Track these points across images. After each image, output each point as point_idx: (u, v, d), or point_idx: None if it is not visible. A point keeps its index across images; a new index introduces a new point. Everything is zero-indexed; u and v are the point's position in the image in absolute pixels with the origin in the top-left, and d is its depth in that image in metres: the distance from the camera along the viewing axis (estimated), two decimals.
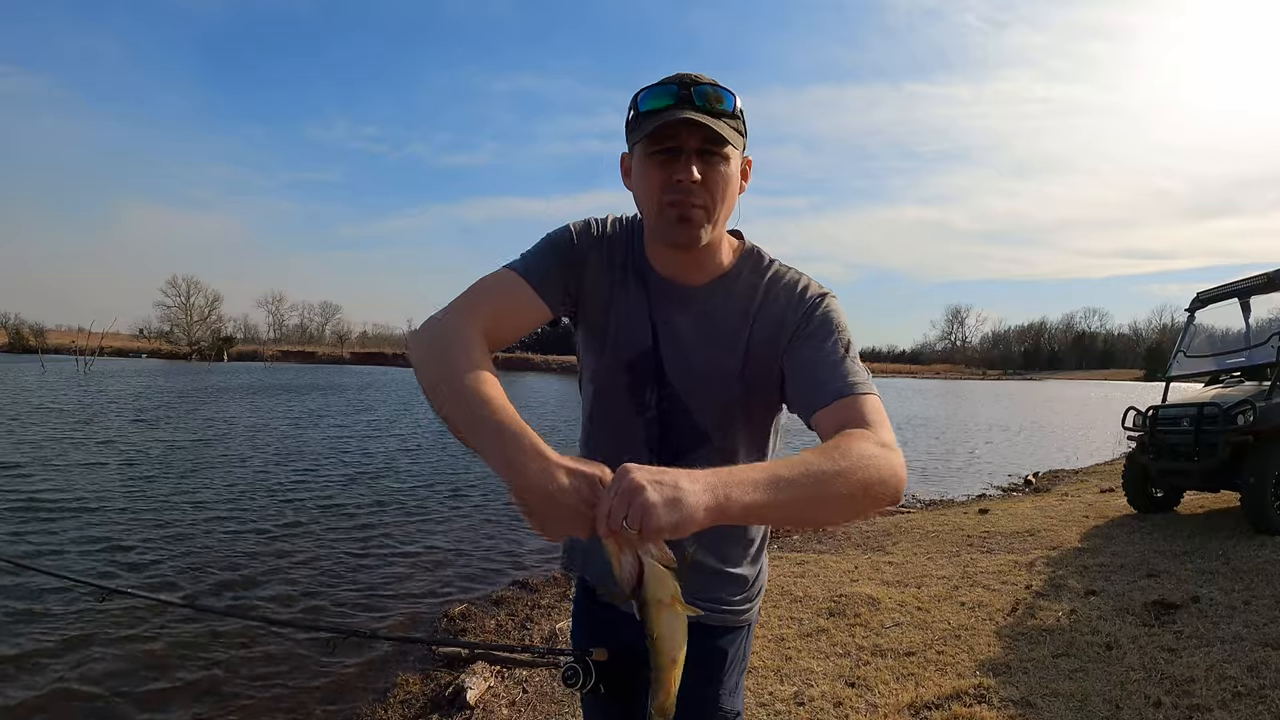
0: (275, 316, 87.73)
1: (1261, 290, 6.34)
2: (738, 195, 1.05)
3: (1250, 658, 3.08)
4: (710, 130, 0.94)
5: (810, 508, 0.79)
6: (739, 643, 1.19)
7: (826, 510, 0.81)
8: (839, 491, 0.78)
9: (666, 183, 0.97)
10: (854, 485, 0.78)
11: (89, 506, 6.76)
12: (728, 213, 1.03)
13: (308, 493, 7.89)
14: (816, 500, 0.77)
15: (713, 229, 1.01)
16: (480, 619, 4.33)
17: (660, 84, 0.98)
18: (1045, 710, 2.75)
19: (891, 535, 6.29)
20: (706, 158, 0.97)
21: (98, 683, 3.49)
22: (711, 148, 0.96)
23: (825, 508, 0.80)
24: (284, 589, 4.84)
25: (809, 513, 0.82)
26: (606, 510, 0.69)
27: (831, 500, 0.78)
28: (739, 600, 1.17)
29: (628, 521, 0.68)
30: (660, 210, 0.99)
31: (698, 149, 0.96)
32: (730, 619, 1.17)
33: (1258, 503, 5.25)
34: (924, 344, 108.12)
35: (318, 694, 3.46)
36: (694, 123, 0.93)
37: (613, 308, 1.11)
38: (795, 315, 1.04)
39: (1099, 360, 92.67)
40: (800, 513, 0.80)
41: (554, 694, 3.24)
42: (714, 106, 0.96)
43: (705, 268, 1.08)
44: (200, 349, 61.42)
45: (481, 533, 6.54)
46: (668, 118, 0.94)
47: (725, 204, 1.01)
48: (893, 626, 3.77)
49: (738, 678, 1.20)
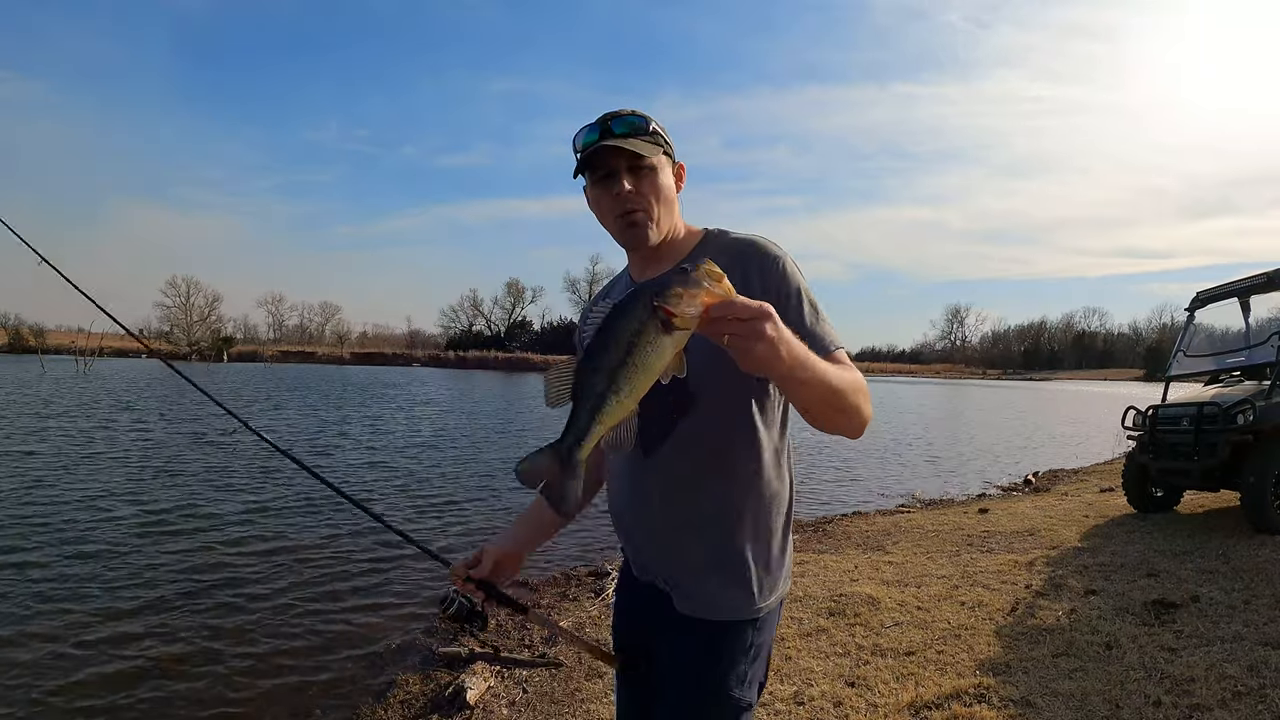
0: (275, 317, 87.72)
1: (1261, 290, 6.35)
2: (675, 195, 1.26)
3: (1250, 657, 3.08)
4: (628, 151, 1.16)
5: (833, 392, 1.00)
6: (751, 634, 1.22)
7: (842, 399, 1.02)
8: (851, 385, 1.03)
9: (611, 200, 1.20)
10: (856, 386, 1.05)
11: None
12: (668, 210, 1.24)
13: (314, 489, 7.89)
14: (839, 388, 1.00)
15: (658, 226, 1.22)
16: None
17: (587, 126, 1.21)
18: (1045, 710, 2.75)
19: (891, 535, 6.29)
20: (636, 172, 1.19)
21: (96, 681, 3.49)
22: (636, 163, 1.18)
23: (842, 395, 1.02)
24: (282, 580, 4.84)
25: (832, 396, 1.00)
26: (744, 305, 0.86)
27: (847, 393, 1.02)
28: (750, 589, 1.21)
29: (737, 323, 0.85)
30: (614, 222, 1.22)
31: (627, 166, 1.18)
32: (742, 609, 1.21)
33: (1258, 502, 5.25)
34: (924, 344, 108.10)
35: (318, 694, 3.46)
36: (615, 147, 1.16)
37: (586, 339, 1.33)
38: (758, 284, 1.16)
39: (1099, 360, 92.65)
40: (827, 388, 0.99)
41: (554, 694, 3.24)
42: (630, 132, 1.18)
43: (667, 259, 1.25)
44: (200, 349, 61.38)
45: (482, 533, 6.54)
46: (594, 149, 1.17)
47: (662, 204, 1.21)
48: (893, 626, 3.77)
49: (750, 669, 1.23)
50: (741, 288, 1.13)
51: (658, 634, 1.29)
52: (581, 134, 1.21)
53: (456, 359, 66.03)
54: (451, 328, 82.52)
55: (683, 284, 0.85)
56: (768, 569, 1.24)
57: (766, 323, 0.85)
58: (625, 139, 1.17)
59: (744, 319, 0.85)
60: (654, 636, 1.30)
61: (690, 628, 1.22)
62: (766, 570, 1.24)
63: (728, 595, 1.21)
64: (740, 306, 0.85)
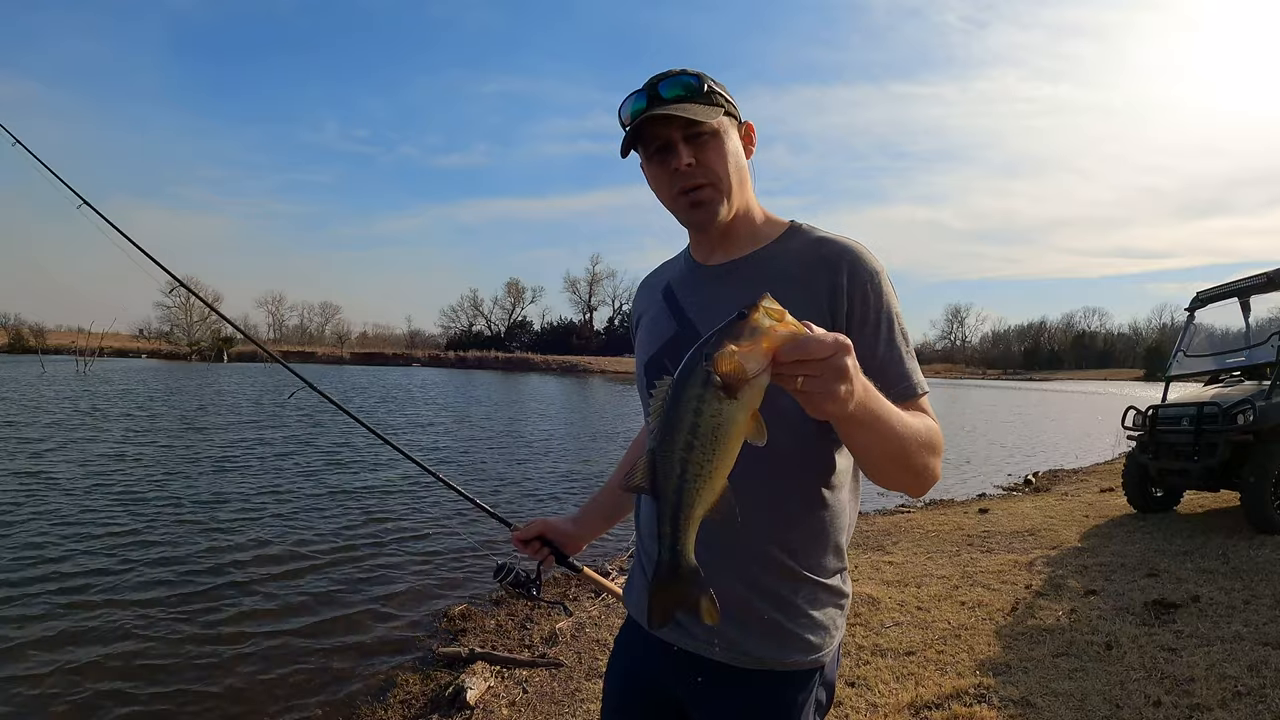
0: (275, 317, 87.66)
1: (1261, 290, 6.35)
2: (746, 162, 1.07)
3: (1250, 657, 3.08)
4: (682, 118, 0.98)
5: (902, 447, 0.86)
6: (814, 685, 1.02)
7: (909, 457, 0.87)
8: (924, 441, 0.89)
9: (670, 176, 1.02)
10: (930, 442, 0.90)
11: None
12: (741, 183, 1.05)
13: (314, 487, 7.90)
14: (908, 443, 0.86)
15: (729, 201, 1.03)
16: (480, 619, 4.33)
17: (634, 93, 1.03)
18: (1045, 710, 2.75)
19: (891, 535, 6.29)
20: (694, 141, 1.00)
21: (95, 680, 3.49)
22: (695, 130, 0.99)
23: (911, 453, 0.87)
24: (283, 580, 4.84)
25: (900, 451, 0.86)
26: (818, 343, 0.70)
27: (918, 450, 0.88)
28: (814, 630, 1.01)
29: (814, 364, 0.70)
30: (675, 202, 1.04)
31: (683, 136, 1.00)
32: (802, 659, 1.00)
33: (1258, 502, 5.25)
34: (924, 343, 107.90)
35: (318, 693, 3.46)
36: (667, 115, 0.98)
37: (642, 321, 1.21)
38: (845, 294, 0.97)
39: (1099, 360, 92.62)
40: (896, 441, 0.85)
41: (554, 694, 3.24)
42: (684, 94, 1.00)
43: (742, 240, 1.08)
44: (200, 349, 61.40)
45: (482, 533, 6.53)
46: (642, 118, 0.99)
47: (732, 174, 1.02)
48: (893, 626, 3.77)
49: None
50: (827, 297, 0.97)
51: (689, 701, 1.07)
52: (628, 102, 1.02)
53: (456, 359, 65.99)
54: (451, 328, 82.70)
55: (737, 337, 0.72)
56: (835, 600, 1.04)
57: (848, 356, 0.70)
58: (678, 104, 0.98)
59: (820, 359, 0.69)
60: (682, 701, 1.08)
61: (743, 680, 1.00)
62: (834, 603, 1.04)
63: (792, 636, 1.00)
64: (815, 344, 0.69)
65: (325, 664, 3.78)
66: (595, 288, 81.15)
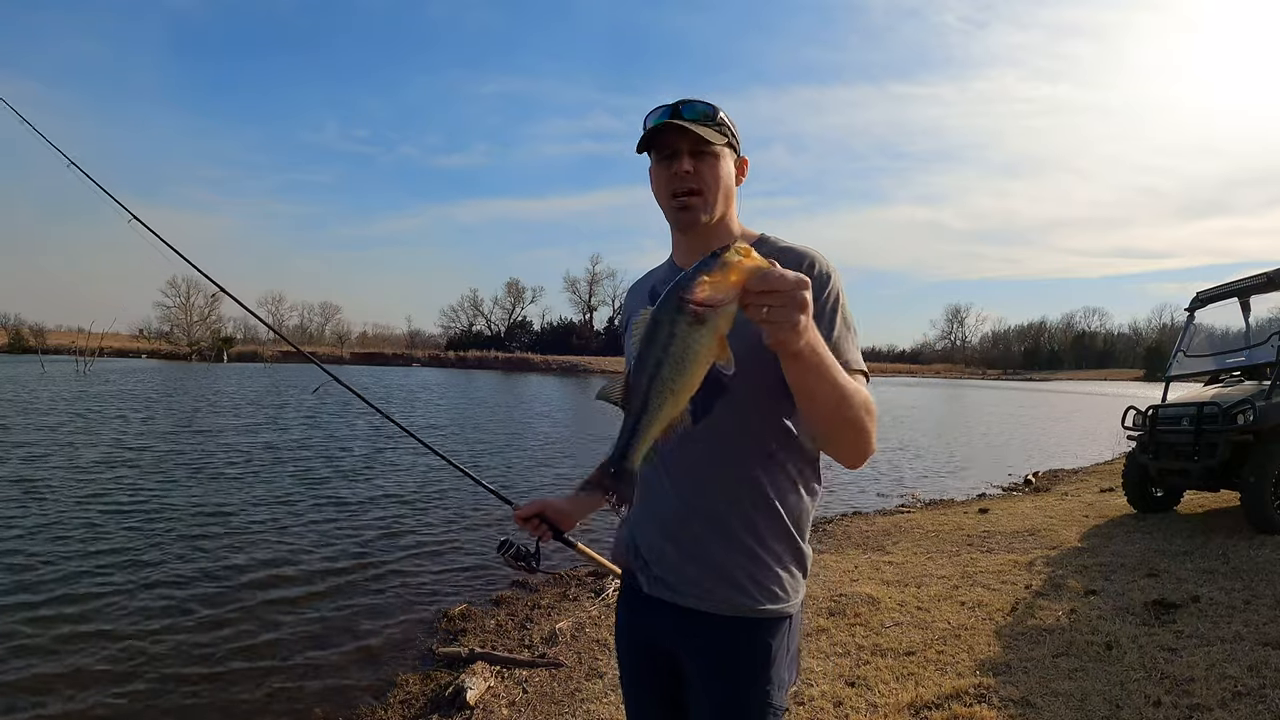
0: (275, 316, 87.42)
1: (1261, 290, 6.35)
2: (735, 187, 1.27)
3: (1250, 657, 3.08)
4: (695, 134, 1.18)
5: (842, 397, 0.99)
6: (783, 635, 1.20)
7: (847, 409, 1.01)
8: (860, 399, 1.02)
9: (669, 178, 1.22)
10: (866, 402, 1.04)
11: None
12: (725, 199, 1.25)
13: (310, 488, 7.90)
14: (848, 395, 1.00)
15: (712, 211, 1.22)
16: (480, 619, 4.33)
17: (660, 107, 1.24)
18: (1045, 710, 2.75)
19: (891, 535, 6.29)
20: (698, 155, 1.21)
21: (94, 680, 3.49)
22: (700, 148, 1.20)
23: (849, 405, 1.00)
24: (283, 581, 4.84)
25: (840, 401, 1.00)
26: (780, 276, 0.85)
27: (855, 405, 1.01)
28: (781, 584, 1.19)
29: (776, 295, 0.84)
30: (667, 202, 1.24)
31: (689, 150, 1.20)
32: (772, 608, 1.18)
33: (1258, 502, 5.25)
34: (924, 344, 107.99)
35: (317, 694, 3.46)
36: (682, 128, 1.18)
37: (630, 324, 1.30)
38: None
39: (1099, 360, 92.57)
40: (837, 390, 0.98)
41: (554, 694, 3.24)
42: (699, 118, 1.20)
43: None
44: (200, 349, 61.37)
45: (481, 533, 6.53)
46: (660, 127, 1.20)
47: (719, 191, 1.22)
48: (893, 626, 3.77)
49: (786, 674, 1.22)
50: None
51: (680, 649, 1.25)
52: (653, 114, 1.23)
53: (456, 359, 65.96)
54: (451, 328, 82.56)
55: (708, 269, 0.84)
56: (799, 563, 1.22)
57: (806, 291, 0.84)
58: (693, 123, 1.19)
59: (782, 290, 0.83)
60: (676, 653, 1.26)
61: (721, 625, 1.18)
62: (798, 564, 1.22)
63: (763, 588, 1.18)
64: (777, 277, 0.84)
65: (325, 664, 3.78)
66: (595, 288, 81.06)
